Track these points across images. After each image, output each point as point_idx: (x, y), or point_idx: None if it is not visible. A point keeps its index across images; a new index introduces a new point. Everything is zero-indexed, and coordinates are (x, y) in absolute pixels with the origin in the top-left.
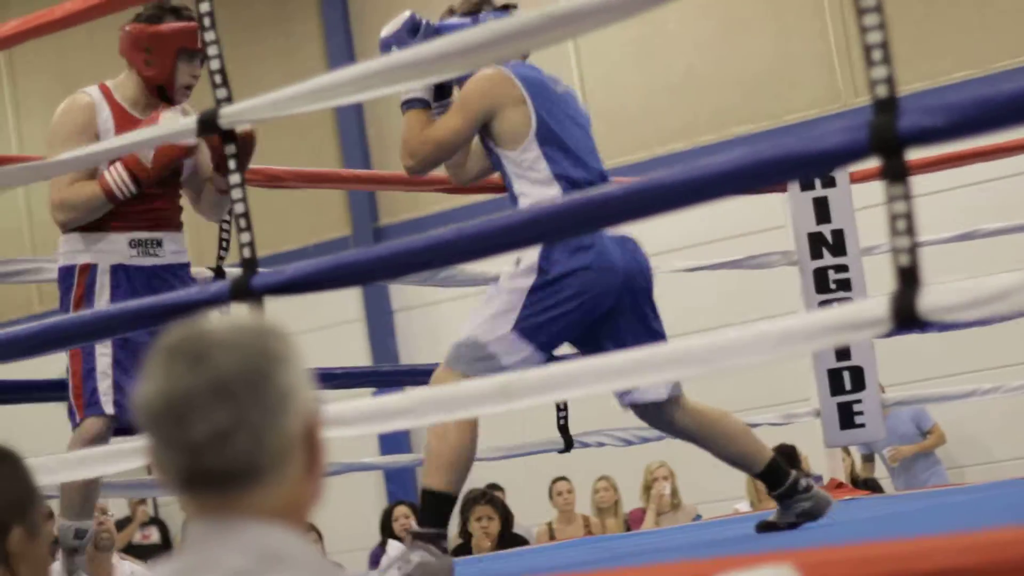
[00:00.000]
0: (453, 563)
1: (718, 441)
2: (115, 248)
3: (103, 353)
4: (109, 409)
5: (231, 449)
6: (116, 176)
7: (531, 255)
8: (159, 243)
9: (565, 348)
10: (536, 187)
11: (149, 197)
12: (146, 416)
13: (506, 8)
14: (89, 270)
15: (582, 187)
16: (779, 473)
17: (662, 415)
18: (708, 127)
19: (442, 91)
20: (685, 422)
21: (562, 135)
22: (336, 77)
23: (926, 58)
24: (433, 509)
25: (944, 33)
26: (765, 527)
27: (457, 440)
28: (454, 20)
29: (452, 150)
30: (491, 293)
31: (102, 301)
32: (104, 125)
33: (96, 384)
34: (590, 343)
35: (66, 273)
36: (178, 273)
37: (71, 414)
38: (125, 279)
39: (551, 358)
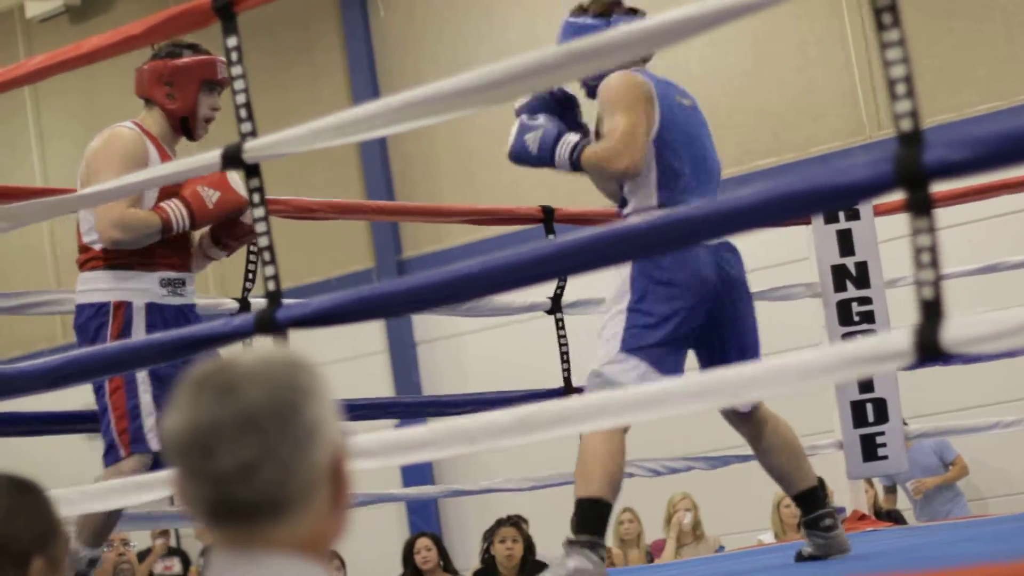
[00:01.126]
0: (607, 572)
1: (771, 452)
2: (148, 287)
3: (145, 390)
4: (155, 446)
5: (258, 481)
6: (176, 211)
7: (623, 274)
8: (184, 283)
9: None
10: (642, 200)
11: (178, 239)
12: (173, 447)
13: (634, 12)
14: (125, 307)
15: (682, 203)
16: (811, 502)
17: (743, 416)
18: (733, 160)
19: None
20: (755, 425)
21: (674, 142)
22: (360, 112)
23: (952, 90)
24: (588, 516)
25: (970, 65)
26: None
27: (604, 448)
28: (588, 20)
29: (645, 138)
30: (600, 328)
31: (139, 338)
32: (153, 157)
33: (142, 421)
34: (703, 354)
35: (96, 310)
36: (195, 313)
37: (110, 451)
38: (160, 317)
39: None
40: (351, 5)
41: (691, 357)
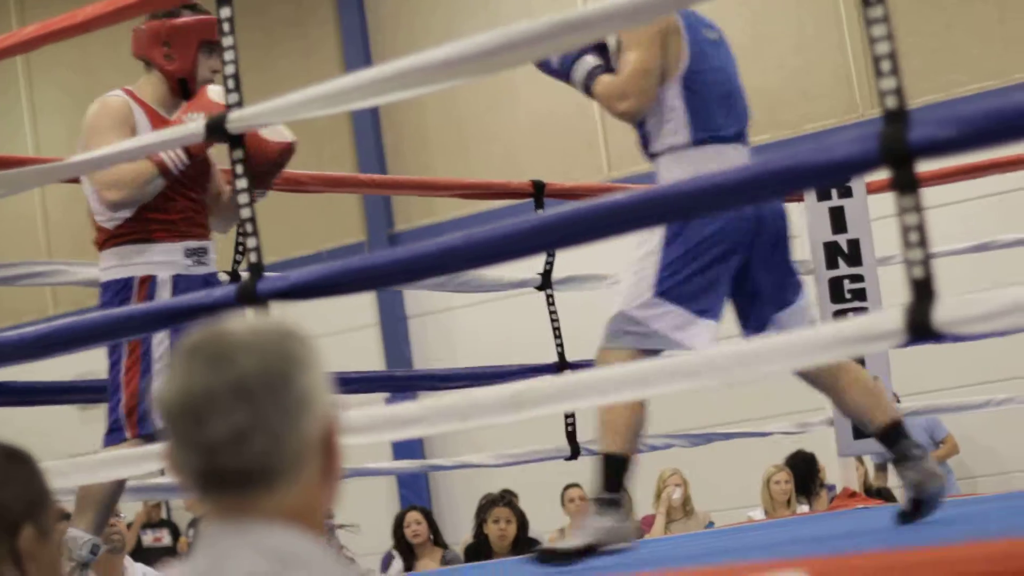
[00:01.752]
0: (633, 527)
1: (837, 389)
2: (172, 258)
3: (159, 372)
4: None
5: (248, 450)
6: (170, 152)
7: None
8: (206, 251)
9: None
10: (672, 135)
11: (194, 205)
12: (165, 415)
13: None
14: (149, 281)
15: (714, 140)
16: (894, 437)
17: None
18: None
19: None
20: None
21: (702, 76)
22: (347, 82)
23: (942, 70)
24: (612, 472)
25: (961, 45)
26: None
27: (625, 405)
28: None
29: (657, 77)
30: (626, 268)
31: None
32: (141, 123)
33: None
34: (737, 296)
35: (121, 286)
36: (219, 281)
37: (114, 431)
38: (187, 288)
39: (712, 318)
40: None
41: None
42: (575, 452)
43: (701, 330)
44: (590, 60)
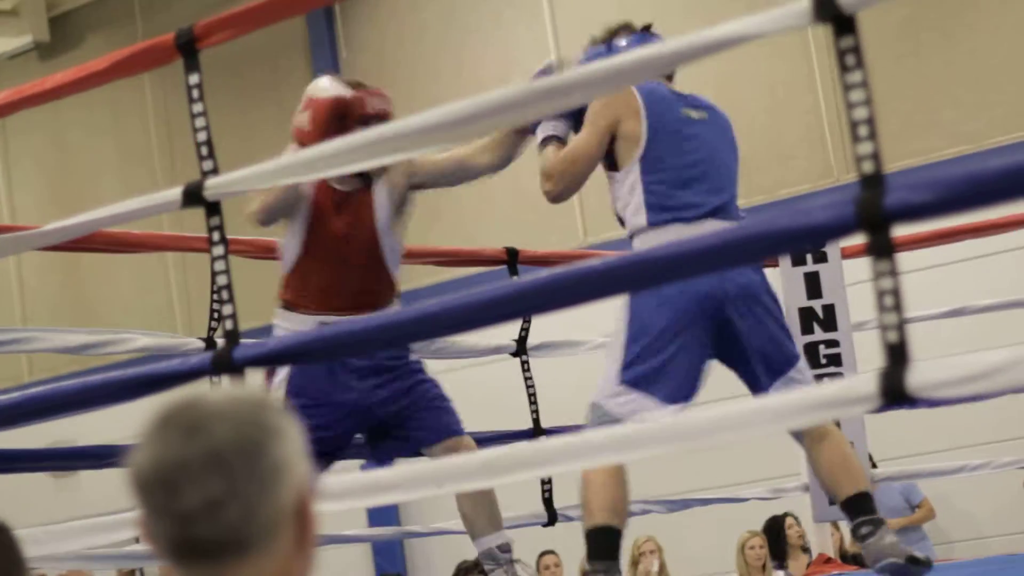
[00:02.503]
0: None
1: (814, 451)
2: (304, 327)
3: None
4: None
5: (222, 519)
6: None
7: (623, 300)
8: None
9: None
10: (633, 216)
11: (342, 281)
12: (138, 484)
13: (647, 31)
14: None
15: (677, 220)
16: (852, 510)
17: None
18: None
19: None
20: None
21: (666, 157)
22: (323, 149)
23: (919, 134)
24: (598, 545)
25: (938, 109)
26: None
27: (602, 476)
28: (591, 50)
29: (588, 166)
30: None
31: (281, 375)
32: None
33: None
34: (734, 368)
35: None
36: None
37: None
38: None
39: (681, 402)
40: (320, 44)
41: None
42: (552, 518)
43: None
44: (551, 126)
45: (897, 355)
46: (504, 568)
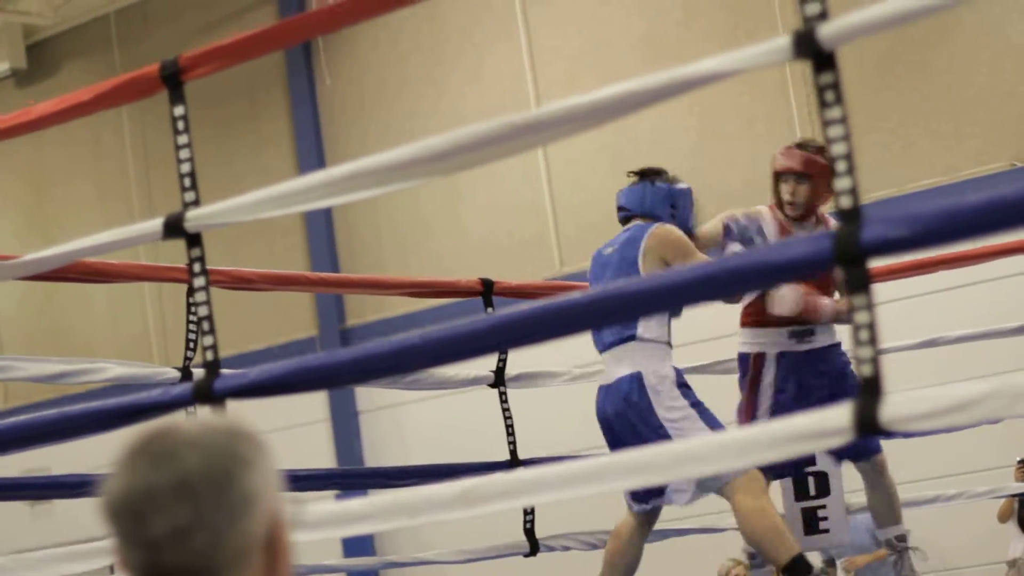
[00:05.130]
0: None
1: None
2: (777, 340)
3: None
4: None
5: (189, 548)
6: None
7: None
8: (812, 332)
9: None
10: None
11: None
12: (109, 512)
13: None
14: (761, 358)
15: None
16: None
17: None
18: None
19: None
20: None
21: None
22: (303, 183)
23: (896, 165)
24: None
25: (915, 140)
26: None
27: (760, 519)
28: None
29: None
30: None
31: (767, 380)
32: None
33: None
34: None
35: (743, 359)
36: (829, 353)
37: None
38: (788, 364)
39: None
40: (297, 74)
41: None
42: (533, 548)
43: None
44: None
45: (871, 387)
46: (900, 553)
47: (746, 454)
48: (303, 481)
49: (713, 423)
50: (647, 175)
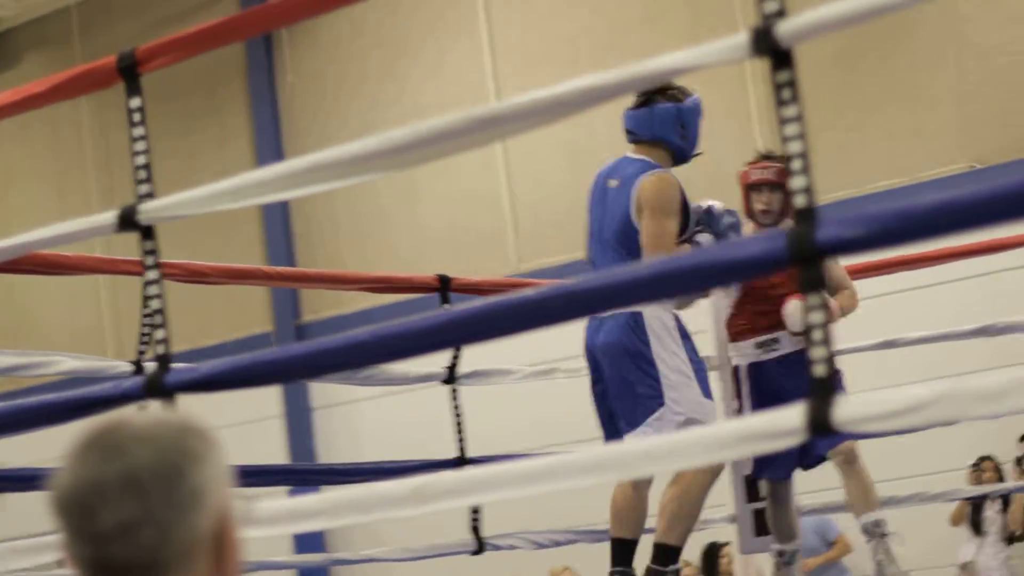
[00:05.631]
0: None
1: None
2: (746, 352)
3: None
4: None
5: (136, 542)
6: None
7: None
8: (776, 340)
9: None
10: None
11: (762, 308)
12: (57, 505)
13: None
14: (737, 370)
15: None
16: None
17: None
18: None
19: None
20: None
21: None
22: (259, 176)
23: (853, 165)
24: (663, 560)
25: (873, 140)
26: None
27: (696, 502)
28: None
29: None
30: None
31: (745, 391)
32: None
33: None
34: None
35: (732, 373)
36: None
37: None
38: (756, 372)
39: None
40: (258, 69)
41: None
42: (480, 547)
43: None
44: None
45: (824, 388)
46: (878, 539)
47: (700, 454)
48: (255, 477)
49: (705, 390)
50: (650, 94)
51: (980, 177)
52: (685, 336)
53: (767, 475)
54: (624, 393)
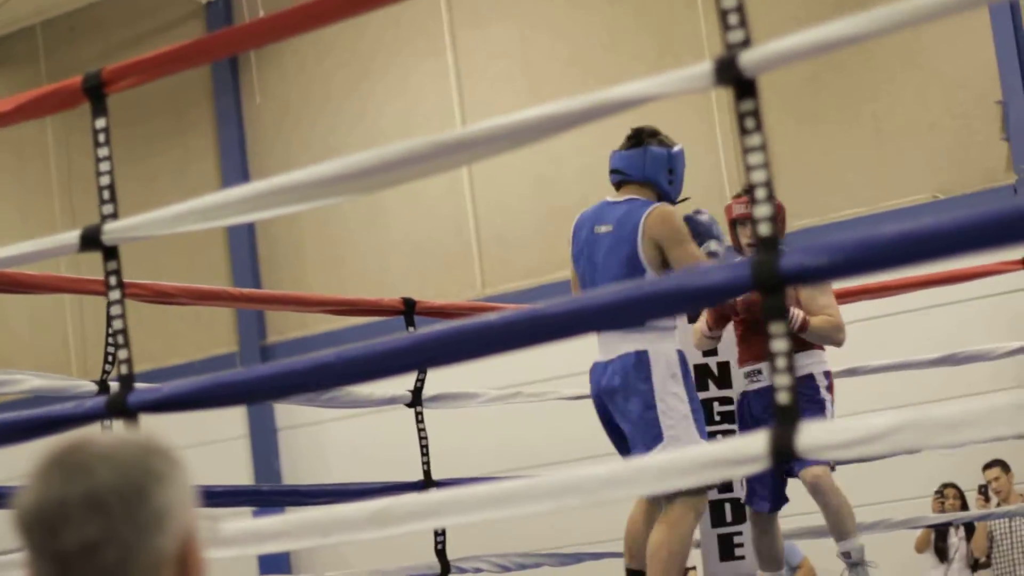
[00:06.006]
0: None
1: None
2: (741, 381)
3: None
4: None
5: (99, 562)
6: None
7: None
8: (759, 372)
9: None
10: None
11: (750, 338)
12: (20, 524)
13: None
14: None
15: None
16: None
17: None
18: None
19: None
20: None
21: (579, 276)
22: (223, 197)
23: (819, 194)
24: None
25: (838, 170)
26: None
27: (684, 541)
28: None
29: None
30: None
31: (741, 419)
32: None
33: None
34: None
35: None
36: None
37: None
38: (746, 402)
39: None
40: (224, 91)
41: None
42: (445, 569)
43: None
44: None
45: (787, 416)
46: (851, 568)
47: (664, 479)
48: (220, 497)
49: (702, 431)
50: (641, 137)
51: (942, 207)
52: (687, 375)
53: (756, 507)
54: (632, 433)
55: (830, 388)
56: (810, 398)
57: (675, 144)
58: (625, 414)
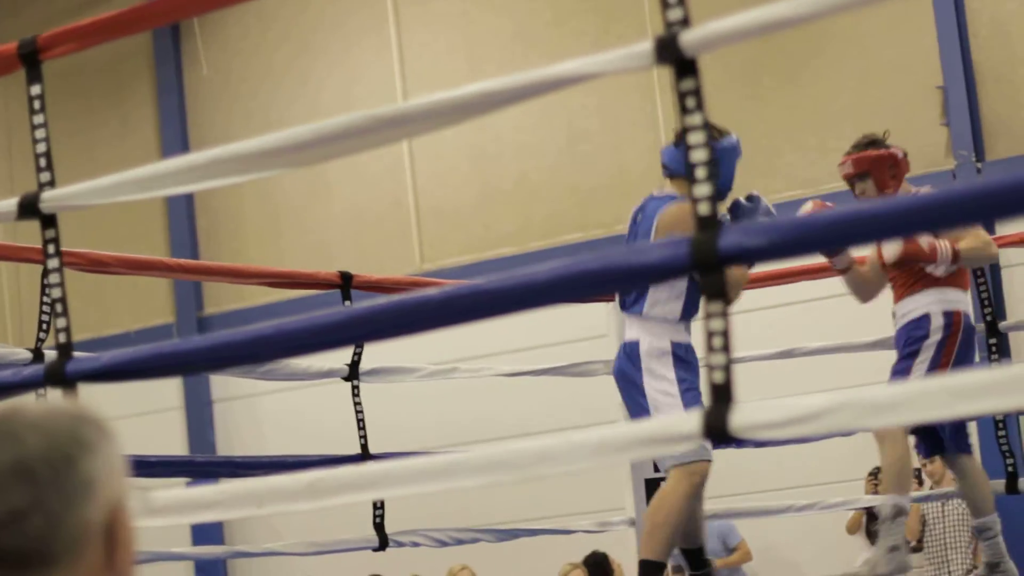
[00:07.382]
0: None
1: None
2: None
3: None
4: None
5: (25, 530)
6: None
7: None
8: (894, 314)
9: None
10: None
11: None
12: None
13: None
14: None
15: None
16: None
17: None
18: (539, 233)
19: None
20: None
21: None
22: (163, 167)
23: (759, 176)
24: None
25: (778, 152)
26: None
27: (674, 511)
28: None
29: None
30: None
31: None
32: None
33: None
34: None
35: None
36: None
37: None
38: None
39: None
40: (165, 61)
41: None
42: (383, 543)
43: None
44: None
45: (722, 395)
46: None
47: (598, 455)
48: (153, 468)
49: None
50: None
51: None
52: (682, 360)
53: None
54: (630, 416)
55: (950, 329)
56: (912, 340)
57: (724, 136)
58: (624, 397)
